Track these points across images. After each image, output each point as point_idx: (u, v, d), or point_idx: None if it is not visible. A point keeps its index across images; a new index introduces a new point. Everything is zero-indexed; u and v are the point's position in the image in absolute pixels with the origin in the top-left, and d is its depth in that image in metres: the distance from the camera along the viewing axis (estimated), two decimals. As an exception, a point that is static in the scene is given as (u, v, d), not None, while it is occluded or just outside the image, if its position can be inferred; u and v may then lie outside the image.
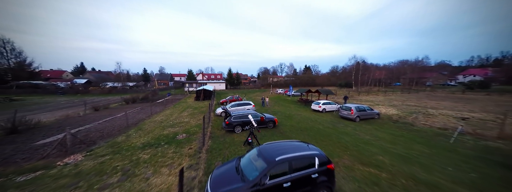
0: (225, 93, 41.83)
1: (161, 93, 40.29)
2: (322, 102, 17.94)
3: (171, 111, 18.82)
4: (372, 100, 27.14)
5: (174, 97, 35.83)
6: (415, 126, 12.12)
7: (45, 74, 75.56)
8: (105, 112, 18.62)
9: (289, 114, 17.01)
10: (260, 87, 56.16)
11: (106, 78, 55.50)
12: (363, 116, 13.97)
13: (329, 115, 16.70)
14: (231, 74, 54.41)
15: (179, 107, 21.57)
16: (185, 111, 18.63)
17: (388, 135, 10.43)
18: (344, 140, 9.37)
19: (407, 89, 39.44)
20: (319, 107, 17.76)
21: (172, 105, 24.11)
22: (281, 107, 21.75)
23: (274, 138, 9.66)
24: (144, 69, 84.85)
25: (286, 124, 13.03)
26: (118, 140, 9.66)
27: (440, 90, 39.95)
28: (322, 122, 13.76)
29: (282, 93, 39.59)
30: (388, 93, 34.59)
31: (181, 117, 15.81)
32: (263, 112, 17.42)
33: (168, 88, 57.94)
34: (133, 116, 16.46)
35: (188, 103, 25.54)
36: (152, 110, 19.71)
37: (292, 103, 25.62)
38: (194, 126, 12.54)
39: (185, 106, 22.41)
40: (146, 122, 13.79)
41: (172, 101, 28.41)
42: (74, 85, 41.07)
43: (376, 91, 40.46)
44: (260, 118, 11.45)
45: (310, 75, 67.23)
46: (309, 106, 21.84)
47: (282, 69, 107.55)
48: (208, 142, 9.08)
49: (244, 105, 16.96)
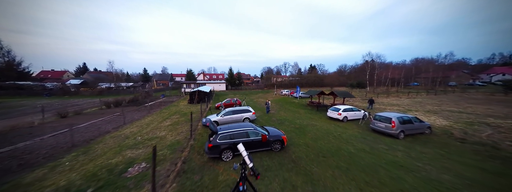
0: (225, 94, 38.15)
1: (155, 95, 37.02)
2: (342, 108, 13.85)
3: (152, 119, 15.18)
4: (396, 103, 22.72)
5: (168, 98, 32.44)
6: (503, 150, 7.91)
7: (46, 75, 74.55)
8: (72, 119, 15.21)
9: (299, 124, 13.02)
10: (264, 88, 52.19)
11: (103, 78, 52.92)
12: (410, 130, 9.83)
13: (353, 125, 12.61)
14: (231, 74, 50.69)
15: (165, 112, 17.94)
16: (169, 119, 14.96)
17: (479, 173, 6.22)
18: (408, 186, 5.33)
19: (433, 90, 34.46)
20: (338, 114, 13.68)
21: (159, 109, 20.55)
22: (288, 112, 17.76)
23: (283, 176, 5.74)
24: (144, 69, 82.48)
25: (298, 142, 9.08)
26: (32, 175, 6.00)
27: (472, 91, 34.75)
28: (349, 138, 9.72)
29: (288, 94, 35.48)
30: (412, 95, 29.93)
31: (159, 128, 12.12)
32: (267, 121, 13.55)
33: (166, 89, 54.85)
34: (100, 125, 12.90)
35: (178, 107, 21.93)
36: (132, 116, 16.17)
37: (301, 106, 21.55)
38: (169, 144, 8.79)
39: (173, 111, 18.77)
40: (107, 138, 10.15)
41: (163, 104, 24.93)
42: (65, 86, 38.41)
43: (395, 92, 35.73)
44: (262, 137, 7.58)
45: (317, 75, 62.58)
46: (322, 111, 17.76)
47: (286, 69, 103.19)
48: (171, 186, 5.26)
49: (241, 112, 13.06)
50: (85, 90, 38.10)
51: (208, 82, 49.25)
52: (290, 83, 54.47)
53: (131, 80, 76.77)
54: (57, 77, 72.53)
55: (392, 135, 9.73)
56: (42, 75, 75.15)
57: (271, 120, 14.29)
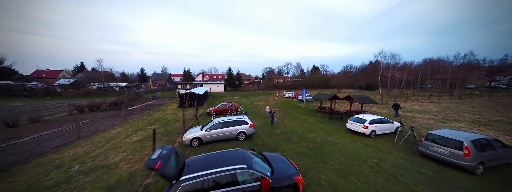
0: (223, 96, 34.84)
1: (146, 96, 33.84)
2: (369, 118, 10.40)
3: (121, 130, 11.86)
4: (422, 109, 19.17)
5: (159, 101, 29.20)
6: None
7: (41, 74, 72.37)
8: (21, 129, 11.97)
9: (313, 140, 9.61)
10: (265, 89, 48.78)
11: (95, 78, 49.91)
12: (492, 160, 6.37)
13: (388, 144, 9.16)
14: (231, 74, 47.37)
15: (144, 120, 14.63)
16: (143, 130, 11.65)
17: None
18: None
19: (456, 94, 30.57)
20: (364, 128, 10.22)
21: (140, 114, 17.25)
22: (294, 121, 14.34)
23: None
24: (142, 69, 79.62)
25: (319, 180, 5.69)
26: None
27: (500, 94, 30.84)
28: (396, 172, 6.28)
29: (292, 97, 32.06)
30: (433, 99, 26.29)
31: (120, 146, 8.79)
32: (268, 135, 10.07)
33: (161, 90, 51.68)
34: (43, 141, 9.59)
35: (165, 112, 18.64)
36: (98, 125, 12.90)
37: (309, 113, 18.09)
38: (112, 185, 5.45)
39: (155, 118, 15.46)
40: (29, 166, 6.83)
41: (149, 108, 21.67)
42: (49, 87, 35.43)
43: (411, 95, 32.07)
44: (261, 183, 4.26)
45: (322, 76, 58.88)
46: (336, 120, 14.30)
47: (288, 70, 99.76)
48: None
49: (234, 124, 9.62)
50: (70, 91, 35.08)
51: (205, 83, 46.01)
52: (293, 84, 50.99)
53: (127, 80, 74.01)
54: (53, 76, 70.24)
55: (464, 168, 6.26)
56: (37, 74, 72.94)
57: (273, 133, 10.89)
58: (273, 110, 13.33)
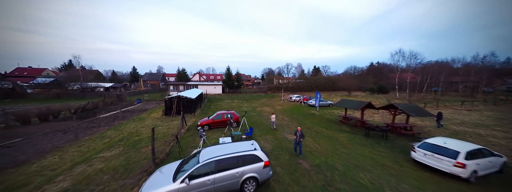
0: (220, 99, 30.42)
1: (130, 99, 29.16)
2: (463, 150, 6.23)
3: (52, 162, 7.40)
4: (468, 119, 15.16)
5: (145, 104, 24.63)
6: None
7: (21, 72, 67.15)
8: None
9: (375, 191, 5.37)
10: (267, 91, 44.39)
11: (78, 77, 44.72)
12: None
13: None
14: (229, 74, 42.94)
15: (105, 138, 10.15)
16: (87, 162, 7.23)
17: None
18: None
19: (491, 99, 26.59)
20: (457, 166, 5.99)
21: (107, 127, 12.72)
22: (321, 141, 10.06)
23: None
24: (133, 68, 74.54)
25: None
26: None
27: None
28: None
29: (299, 101, 27.89)
30: (466, 106, 22.42)
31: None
32: (290, 173, 5.75)
33: (152, 91, 46.86)
34: None
35: (143, 122, 14.18)
36: (23, 150, 8.45)
37: (331, 125, 13.84)
38: None
39: (125, 133, 11.01)
40: None
41: (127, 115, 17.13)
42: (16, 86, 30.39)
43: (433, 100, 28.25)
44: None
45: (328, 77, 54.79)
46: (376, 137, 10.12)
47: (288, 70, 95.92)
48: None
49: (238, 163, 5.25)
50: (40, 92, 30.11)
51: (201, 84, 41.44)
52: (298, 86, 46.80)
53: (116, 80, 68.79)
54: (35, 75, 64.86)
55: None
56: (17, 72, 67.63)
57: (299, 171, 6.63)
58: (300, 131, 7.82)
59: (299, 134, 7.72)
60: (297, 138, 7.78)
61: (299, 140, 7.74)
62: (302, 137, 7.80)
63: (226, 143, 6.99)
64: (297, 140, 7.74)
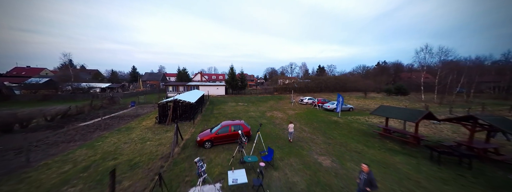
0: (224, 102, 27.41)
1: (124, 101, 26.37)
2: None
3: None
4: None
5: (138, 108, 21.80)
6: None
7: (20, 72, 65.67)
8: None
9: None
10: (273, 92, 41.28)
11: (72, 77, 42.22)
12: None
13: None
14: (233, 74, 39.94)
15: (67, 164, 7.19)
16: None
17: None
18: None
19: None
20: None
21: (80, 143, 9.81)
22: (375, 172, 6.95)
23: None
24: (133, 67, 72.15)
25: None
26: None
27: None
28: None
29: (311, 103, 24.77)
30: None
31: None
32: None
33: (151, 92, 44.14)
34: None
35: (130, 134, 11.25)
36: None
37: (369, 139, 10.67)
38: None
39: (99, 155, 8.05)
40: None
41: (113, 123, 14.25)
42: (4, 88, 27.91)
43: (465, 103, 24.79)
44: None
45: (337, 77, 51.25)
46: (451, 165, 6.88)
47: (292, 70, 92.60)
48: None
49: None
50: (27, 93, 27.55)
51: (202, 85, 38.52)
52: (305, 86, 43.59)
53: (115, 80, 66.44)
54: (33, 74, 63.14)
55: None
56: (15, 72, 66.19)
57: None
58: (368, 172, 4.40)
59: (365, 178, 4.34)
60: (361, 184, 4.41)
61: (366, 190, 4.28)
62: (372, 186, 4.25)
63: (238, 182, 4.26)
64: (362, 187, 4.37)
